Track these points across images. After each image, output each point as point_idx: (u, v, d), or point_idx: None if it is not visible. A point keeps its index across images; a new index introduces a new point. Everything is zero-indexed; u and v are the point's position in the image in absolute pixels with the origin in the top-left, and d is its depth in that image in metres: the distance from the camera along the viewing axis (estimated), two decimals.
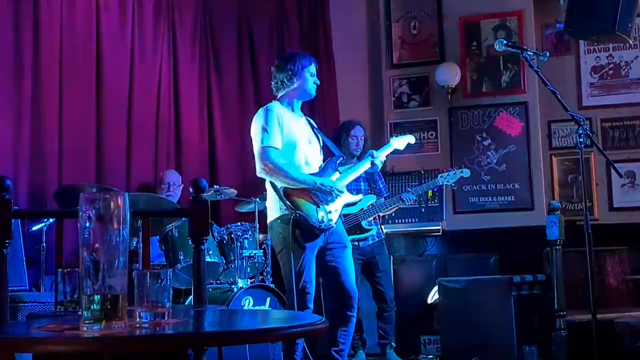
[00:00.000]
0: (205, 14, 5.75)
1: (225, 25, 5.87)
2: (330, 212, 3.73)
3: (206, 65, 5.72)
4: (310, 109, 5.93)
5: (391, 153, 4.33)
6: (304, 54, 3.90)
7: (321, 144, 3.96)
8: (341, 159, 3.96)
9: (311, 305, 3.70)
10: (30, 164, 4.58)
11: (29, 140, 4.57)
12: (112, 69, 5.08)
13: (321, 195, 3.71)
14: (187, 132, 5.51)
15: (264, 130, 3.68)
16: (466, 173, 5.09)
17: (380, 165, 4.05)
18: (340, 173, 3.90)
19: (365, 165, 4.03)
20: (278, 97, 3.87)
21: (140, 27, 5.28)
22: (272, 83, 3.87)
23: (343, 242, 3.83)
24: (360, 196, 4.17)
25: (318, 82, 3.89)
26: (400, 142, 4.35)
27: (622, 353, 4.16)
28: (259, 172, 3.71)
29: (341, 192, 3.76)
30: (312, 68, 3.85)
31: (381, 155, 4.09)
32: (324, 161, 3.92)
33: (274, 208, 3.75)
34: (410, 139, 4.44)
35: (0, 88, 4.50)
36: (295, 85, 3.80)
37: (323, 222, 3.67)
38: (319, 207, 3.69)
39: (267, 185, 3.78)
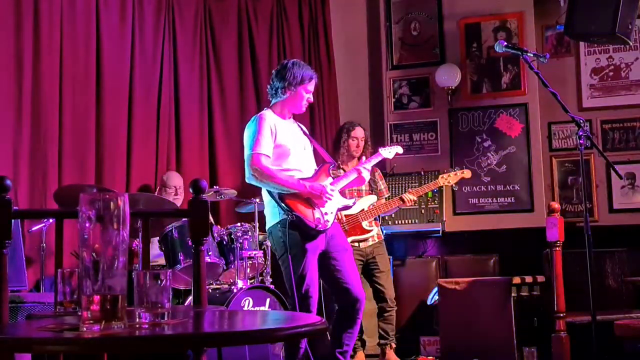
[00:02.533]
0: (205, 14, 5.76)
1: (225, 25, 5.87)
2: (326, 213, 3.74)
3: (206, 65, 5.72)
4: (311, 110, 5.93)
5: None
6: (307, 69, 3.85)
7: (312, 150, 3.97)
8: (333, 165, 3.98)
9: (314, 309, 3.70)
10: (30, 164, 4.57)
11: (29, 140, 4.57)
12: (112, 68, 5.08)
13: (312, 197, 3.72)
14: (187, 132, 5.51)
15: (255, 137, 3.70)
16: (467, 174, 5.10)
17: (367, 176, 4.05)
18: (333, 179, 3.92)
19: (353, 175, 4.03)
20: (271, 104, 3.89)
21: (140, 27, 5.28)
22: (268, 87, 3.88)
23: (344, 245, 3.84)
24: (354, 199, 4.18)
25: (311, 100, 3.89)
26: (388, 152, 4.41)
27: (622, 355, 4.17)
28: (248, 178, 3.72)
29: (332, 195, 3.76)
30: (311, 85, 3.83)
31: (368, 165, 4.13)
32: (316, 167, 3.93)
33: (272, 213, 3.76)
34: (398, 149, 4.50)
35: (0, 88, 4.50)
36: (286, 97, 3.81)
37: (319, 223, 3.68)
38: (314, 209, 3.70)
39: (264, 191, 3.79)
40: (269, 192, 3.72)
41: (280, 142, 3.73)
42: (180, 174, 5.26)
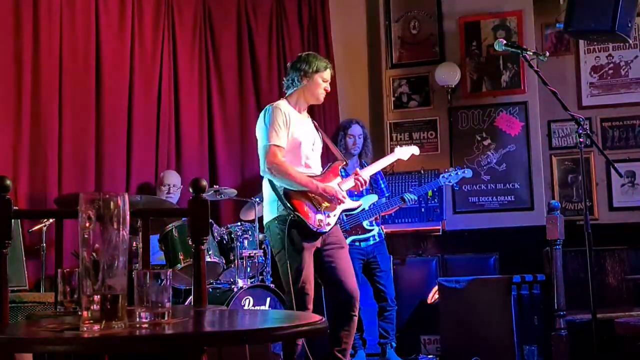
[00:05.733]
0: (205, 14, 5.75)
1: (225, 25, 5.87)
2: (328, 216, 3.73)
3: (206, 65, 5.72)
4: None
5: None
6: (322, 59, 3.86)
7: (321, 147, 3.95)
8: (344, 163, 3.95)
9: (311, 306, 3.69)
10: (30, 166, 4.57)
11: (28, 142, 4.57)
12: (112, 69, 5.07)
13: (322, 199, 3.70)
14: (187, 132, 5.51)
15: (271, 127, 3.64)
16: (468, 173, 5.10)
17: (363, 186, 4.00)
18: (343, 178, 3.89)
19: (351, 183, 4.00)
20: (286, 95, 3.85)
21: (140, 27, 5.28)
22: (285, 80, 3.86)
23: (340, 242, 3.81)
24: (360, 203, 4.17)
25: (329, 89, 3.87)
26: (404, 152, 4.38)
27: (622, 353, 4.17)
28: (263, 171, 3.68)
29: (345, 199, 3.75)
30: (327, 74, 3.81)
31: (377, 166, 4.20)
32: (324, 165, 3.91)
33: (271, 208, 3.73)
34: (414, 149, 4.46)
35: (0, 88, 4.50)
36: (303, 86, 3.78)
37: (320, 226, 3.66)
38: (317, 210, 3.68)
39: (265, 185, 3.76)
40: (273, 188, 3.68)
41: (293, 135, 3.69)
42: (180, 173, 5.26)
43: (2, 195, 2.24)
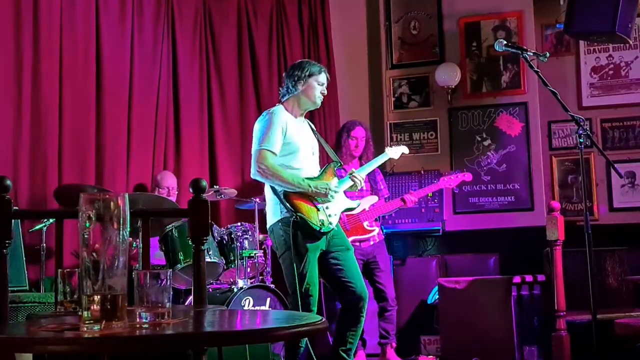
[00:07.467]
0: (205, 14, 5.75)
1: (225, 25, 5.87)
2: (330, 215, 3.74)
3: (206, 65, 5.72)
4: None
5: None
6: (315, 64, 3.89)
7: (319, 150, 3.96)
8: (339, 165, 3.97)
9: (315, 308, 3.70)
10: (30, 165, 4.57)
11: (28, 141, 4.57)
12: (112, 69, 5.07)
13: (320, 198, 3.71)
14: (187, 131, 5.51)
15: (265, 132, 3.68)
16: (468, 177, 5.11)
17: (359, 184, 4.03)
18: (338, 179, 3.92)
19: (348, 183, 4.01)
20: (282, 101, 3.86)
21: (140, 27, 5.28)
22: (280, 88, 3.88)
23: (345, 245, 3.84)
24: (358, 202, 4.18)
25: (325, 93, 3.88)
26: (394, 152, 4.43)
27: (622, 353, 4.17)
28: (253, 174, 3.72)
29: (336, 192, 3.76)
30: (322, 77, 3.83)
31: (365, 171, 4.20)
32: (321, 167, 3.92)
33: (274, 211, 3.75)
34: (404, 149, 4.52)
35: (0, 88, 4.50)
36: (299, 91, 3.79)
37: (323, 225, 3.68)
38: (318, 210, 3.70)
39: (267, 189, 3.79)
40: (273, 190, 3.70)
41: (290, 140, 3.72)
42: (180, 174, 5.26)
43: (2, 195, 2.24)
